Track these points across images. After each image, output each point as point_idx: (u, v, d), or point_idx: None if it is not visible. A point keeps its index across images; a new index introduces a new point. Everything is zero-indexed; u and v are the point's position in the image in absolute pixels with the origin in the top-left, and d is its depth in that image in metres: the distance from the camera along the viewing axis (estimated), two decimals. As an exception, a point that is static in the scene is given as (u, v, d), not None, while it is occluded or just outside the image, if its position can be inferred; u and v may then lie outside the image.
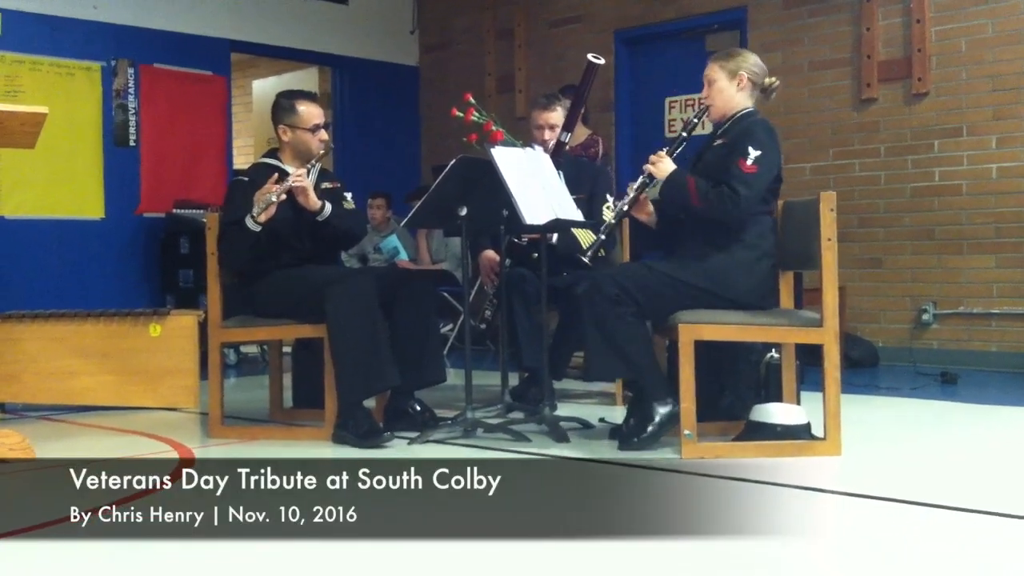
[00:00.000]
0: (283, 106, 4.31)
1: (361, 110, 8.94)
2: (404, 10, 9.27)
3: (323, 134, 4.31)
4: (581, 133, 5.37)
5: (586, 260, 4.04)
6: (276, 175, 4.11)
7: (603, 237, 4.07)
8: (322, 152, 4.30)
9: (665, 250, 4.09)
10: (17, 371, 4.97)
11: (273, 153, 4.40)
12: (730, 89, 3.88)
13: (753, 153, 3.70)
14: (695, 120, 4.01)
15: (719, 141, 3.87)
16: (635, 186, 3.96)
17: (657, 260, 3.99)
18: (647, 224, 4.06)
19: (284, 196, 4.04)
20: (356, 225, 4.42)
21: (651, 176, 3.89)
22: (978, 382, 5.73)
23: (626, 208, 4.00)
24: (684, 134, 4.01)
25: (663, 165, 3.86)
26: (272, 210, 4.02)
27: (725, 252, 3.73)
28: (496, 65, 8.78)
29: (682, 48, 7.76)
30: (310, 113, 4.28)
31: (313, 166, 4.30)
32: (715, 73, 3.91)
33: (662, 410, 3.72)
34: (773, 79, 3.94)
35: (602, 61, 4.65)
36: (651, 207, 4.00)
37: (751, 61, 3.91)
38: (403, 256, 7.63)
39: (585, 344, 3.90)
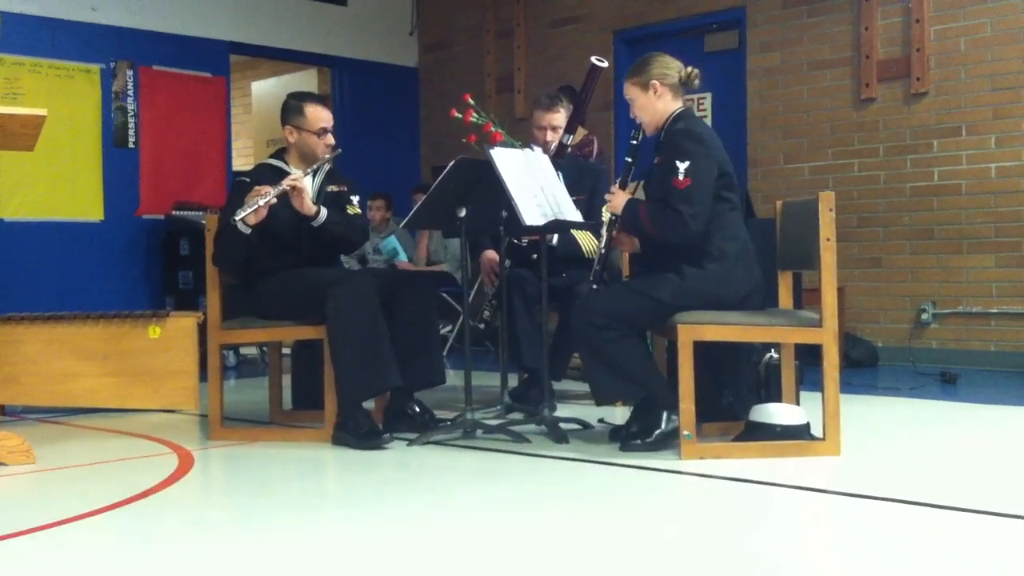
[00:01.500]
0: (291, 107, 4.32)
1: (360, 111, 8.95)
2: (403, 11, 9.27)
3: (329, 138, 4.31)
4: (578, 133, 5.37)
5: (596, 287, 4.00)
6: (268, 188, 4.09)
7: (597, 268, 3.99)
8: (327, 156, 4.30)
9: (653, 265, 4.06)
10: (17, 373, 4.97)
11: (280, 154, 4.40)
12: (649, 101, 3.84)
13: (681, 166, 3.65)
14: (633, 141, 3.93)
15: (657, 159, 3.83)
16: (605, 226, 3.95)
17: (644, 275, 3.97)
18: (633, 252, 4.03)
19: (275, 200, 4.03)
20: (355, 232, 4.41)
21: (613, 213, 3.88)
22: (977, 381, 5.74)
23: (603, 251, 3.98)
24: (628, 159, 3.94)
25: (616, 200, 3.84)
26: (262, 212, 4.00)
27: (698, 267, 3.70)
28: (495, 66, 8.79)
29: (681, 48, 7.75)
30: (317, 116, 4.29)
31: (319, 168, 4.30)
32: (630, 91, 3.89)
33: (670, 420, 3.72)
34: (690, 70, 3.85)
35: (605, 64, 4.64)
36: (628, 238, 3.96)
37: (658, 65, 3.84)
38: (402, 257, 7.64)
39: (586, 373, 3.90)
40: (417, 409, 4.29)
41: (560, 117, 4.87)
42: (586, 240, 4.81)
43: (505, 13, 8.73)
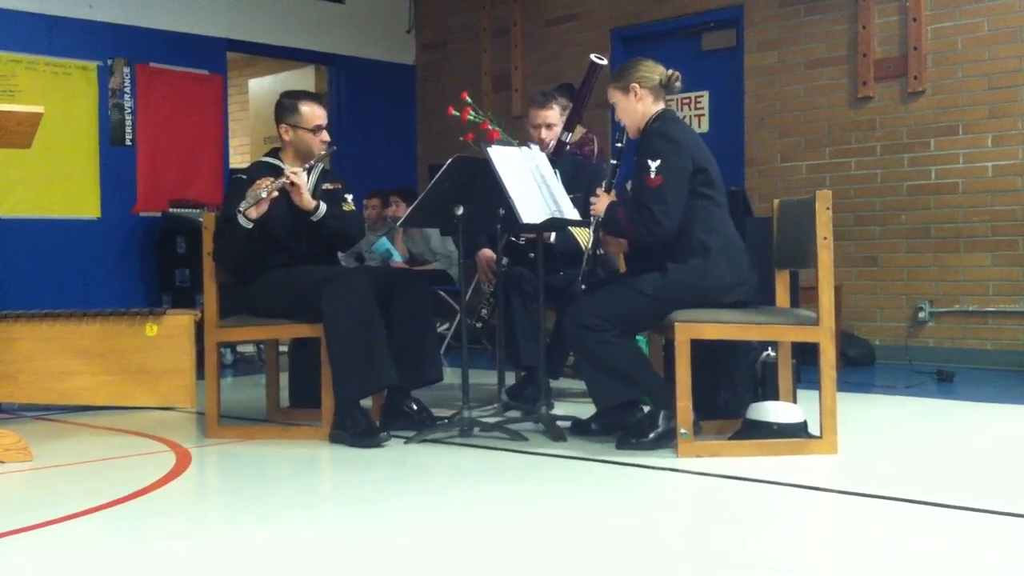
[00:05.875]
0: (286, 106, 4.33)
1: (357, 109, 8.94)
2: (400, 9, 9.27)
3: (324, 135, 4.33)
4: (576, 132, 5.37)
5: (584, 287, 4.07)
6: (271, 178, 4.12)
7: (586, 269, 4.11)
8: (323, 153, 4.31)
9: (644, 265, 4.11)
10: (13, 371, 4.97)
11: (275, 153, 4.41)
12: (630, 104, 3.91)
13: (652, 165, 3.71)
14: (618, 144, 4.03)
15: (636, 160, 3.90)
16: (592, 228, 4.02)
17: (634, 275, 4.02)
18: (624, 252, 4.12)
19: (276, 193, 4.04)
20: (352, 227, 4.42)
21: (596, 217, 3.95)
22: (974, 380, 5.74)
23: (591, 252, 4.06)
24: (614, 161, 4.03)
25: (599, 204, 3.92)
26: (264, 206, 4.02)
27: (680, 262, 3.73)
28: (492, 64, 8.79)
29: (679, 46, 7.76)
30: (312, 113, 4.30)
31: (313, 166, 4.31)
32: (613, 96, 3.97)
33: (666, 420, 3.73)
34: (671, 73, 3.92)
35: (604, 62, 4.65)
36: (615, 240, 4.04)
37: (639, 68, 3.92)
38: (396, 258, 7.63)
39: (584, 379, 3.92)
40: (414, 407, 4.29)
41: (554, 114, 4.87)
42: (584, 238, 4.80)
43: (502, 11, 8.72)
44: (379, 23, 9.11)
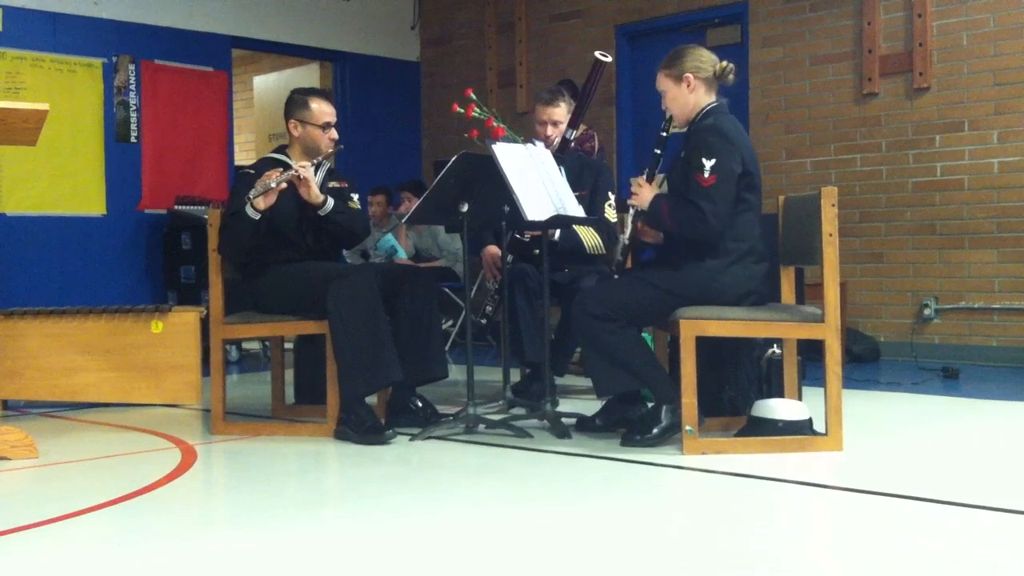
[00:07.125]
0: (296, 101, 4.34)
1: (362, 106, 8.94)
2: (405, 5, 9.26)
3: (333, 132, 4.34)
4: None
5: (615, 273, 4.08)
6: (281, 168, 4.14)
7: (620, 259, 4.11)
8: (330, 150, 4.32)
9: (659, 254, 4.09)
10: (19, 368, 4.98)
11: (282, 149, 4.42)
12: (681, 94, 3.83)
13: (707, 164, 3.65)
14: (663, 133, 3.94)
15: (683, 153, 3.82)
16: (630, 219, 3.96)
17: (643, 269, 4.00)
18: (656, 244, 4.04)
19: (285, 185, 4.05)
20: (358, 224, 4.43)
21: (639, 207, 3.88)
22: (979, 377, 5.74)
23: (628, 242, 4.01)
24: (657, 151, 3.94)
25: (643, 195, 3.84)
26: (272, 198, 4.02)
27: (697, 259, 3.71)
28: (497, 60, 8.78)
29: (684, 42, 7.70)
30: (322, 110, 4.31)
31: (320, 163, 4.32)
32: (663, 83, 3.88)
33: (669, 414, 3.73)
34: (723, 64, 3.83)
35: (609, 59, 4.63)
36: (652, 231, 3.96)
37: (693, 58, 3.83)
38: (401, 254, 7.63)
39: (587, 365, 3.92)
40: (419, 404, 4.30)
41: (560, 112, 4.86)
42: (588, 235, 4.80)
43: (506, 7, 8.72)
44: (383, 19, 9.11)
